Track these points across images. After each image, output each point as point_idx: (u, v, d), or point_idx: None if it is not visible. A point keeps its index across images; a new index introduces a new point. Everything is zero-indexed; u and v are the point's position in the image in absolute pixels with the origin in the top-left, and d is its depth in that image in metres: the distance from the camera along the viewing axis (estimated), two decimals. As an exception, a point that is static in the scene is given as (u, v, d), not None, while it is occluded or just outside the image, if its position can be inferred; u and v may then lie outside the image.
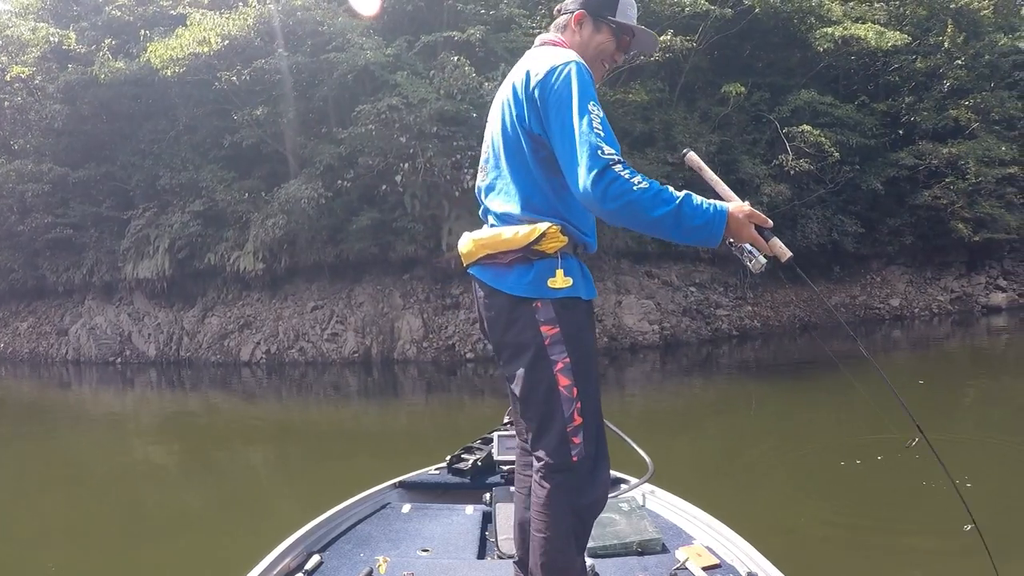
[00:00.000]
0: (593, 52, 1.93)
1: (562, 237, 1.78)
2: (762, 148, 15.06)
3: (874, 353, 14.71)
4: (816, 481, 5.77)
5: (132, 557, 4.87)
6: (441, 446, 7.65)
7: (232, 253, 14.57)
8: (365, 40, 13.11)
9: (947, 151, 16.95)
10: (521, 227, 1.80)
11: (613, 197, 1.60)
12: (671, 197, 1.62)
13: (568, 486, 1.77)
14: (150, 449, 8.84)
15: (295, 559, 2.45)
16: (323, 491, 6.11)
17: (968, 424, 7.77)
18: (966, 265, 18.31)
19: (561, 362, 1.75)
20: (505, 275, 1.83)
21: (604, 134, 1.66)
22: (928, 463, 6.31)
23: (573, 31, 1.95)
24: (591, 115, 1.66)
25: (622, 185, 1.60)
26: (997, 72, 19.02)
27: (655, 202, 1.60)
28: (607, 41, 1.94)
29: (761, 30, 15.80)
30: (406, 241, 13.17)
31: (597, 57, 1.94)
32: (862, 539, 4.50)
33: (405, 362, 13.14)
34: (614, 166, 1.61)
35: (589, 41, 1.93)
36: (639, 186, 1.60)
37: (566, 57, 1.77)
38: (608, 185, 1.60)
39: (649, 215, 1.60)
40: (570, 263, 1.80)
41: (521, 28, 13.41)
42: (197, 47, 13.39)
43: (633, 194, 1.60)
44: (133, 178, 15.93)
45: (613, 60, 1.99)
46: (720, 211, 1.65)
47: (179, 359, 15.11)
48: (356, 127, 12.55)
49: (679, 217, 1.61)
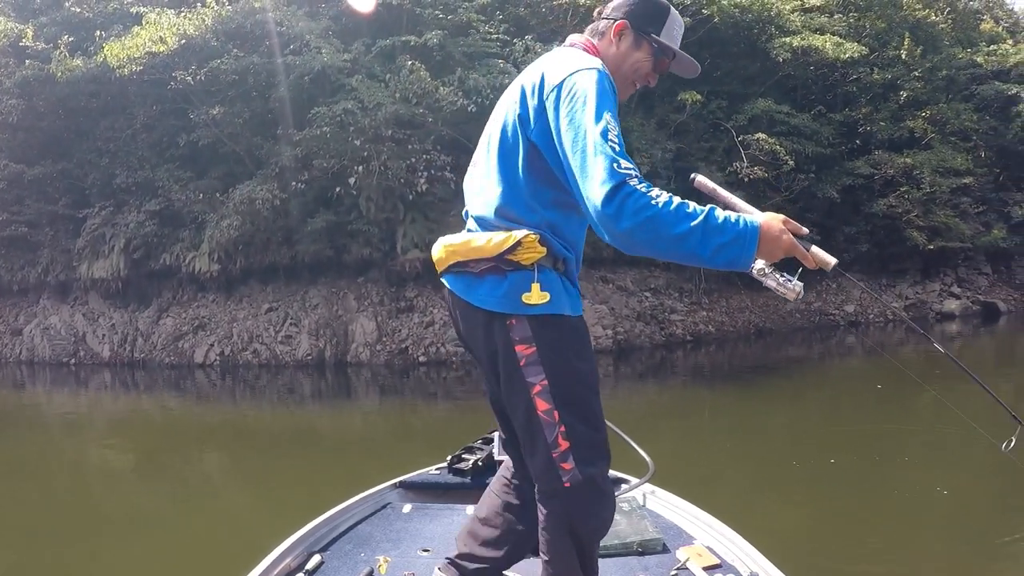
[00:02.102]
0: (628, 69, 1.77)
1: (540, 248, 1.63)
2: (719, 156, 15.24)
3: (829, 357, 15.02)
4: (798, 479, 5.85)
5: (83, 558, 4.86)
6: (396, 450, 7.72)
7: (188, 254, 14.45)
8: (323, 43, 13.09)
9: (903, 161, 17.27)
10: (495, 234, 1.66)
11: (631, 213, 1.42)
12: (695, 211, 1.44)
13: (563, 511, 1.65)
14: (105, 452, 8.77)
15: (296, 559, 2.44)
16: (281, 496, 6.17)
17: (927, 422, 8.08)
18: (921, 272, 18.66)
19: (539, 385, 1.63)
20: (476, 286, 1.68)
21: (620, 147, 1.49)
22: (926, 463, 6.39)
23: (611, 41, 1.78)
24: (608, 127, 1.50)
25: (639, 199, 1.42)
26: (954, 85, 19.43)
27: (678, 216, 1.42)
28: (645, 60, 1.77)
29: (721, 39, 16.00)
30: (361, 244, 13.16)
31: (631, 75, 1.79)
32: (862, 539, 4.54)
33: (358, 365, 13.12)
34: (631, 180, 1.44)
35: (626, 56, 1.77)
36: (658, 199, 1.43)
37: (588, 63, 1.62)
38: (624, 200, 1.42)
39: (672, 231, 1.41)
40: (549, 276, 1.65)
41: (479, 33, 13.46)
42: (153, 46, 13.29)
43: (653, 208, 1.42)
44: (89, 176, 15.75)
45: (646, 81, 1.82)
46: (751, 223, 1.46)
47: (133, 360, 14.96)
48: (312, 129, 12.53)
49: (706, 232, 1.42)
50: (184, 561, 4.76)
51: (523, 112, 1.66)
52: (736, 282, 16.06)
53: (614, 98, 1.60)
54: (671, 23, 1.79)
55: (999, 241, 18.89)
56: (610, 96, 1.57)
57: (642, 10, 1.77)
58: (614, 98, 1.60)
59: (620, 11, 1.78)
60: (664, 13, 1.78)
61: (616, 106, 1.59)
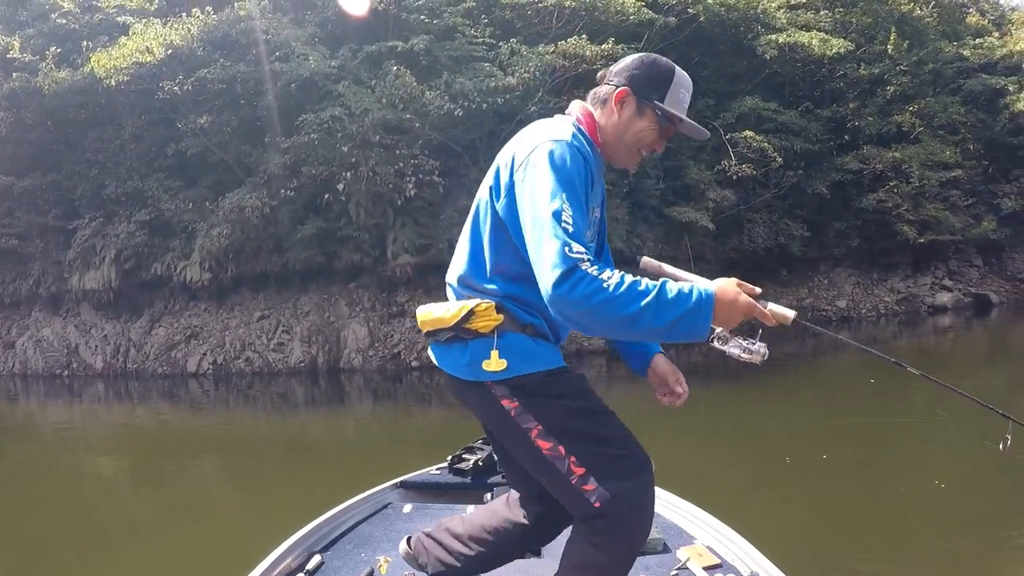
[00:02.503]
0: (631, 138, 1.72)
1: (496, 315, 1.65)
2: (708, 154, 15.28)
3: (821, 353, 15.06)
4: (809, 480, 5.85)
5: (80, 568, 4.88)
6: (391, 455, 7.74)
7: (179, 263, 14.45)
8: (309, 50, 13.10)
9: (891, 155, 17.34)
10: (454, 304, 1.72)
11: (581, 299, 1.41)
12: (647, 288, 1.42)
13: (602, 530, 1.62)
14: (100, 462, 8.79)
15: (296, 559, 2.44)
16: (277, 503, 6.16)
17: (922, 415, 8.21)
18: (912, 266, 18.73)
19: (535, 429, 1.65)
20: (445, 353, 1.75)
21: (574, 228, 1.46)
22: (922, 456, 6.42)
23: (612, 110, 1.71)
24: (562, 207, 1.47)
25: (590, 284, 1.41)
26: (940, 79, 19.49)
27: (629, 296, 1.41)
28: (649, 128, 1.71)
29: (707, 38, 16.05)
30: (351, 250, 13.17)
31: (634, 144, 1.73)
32: (862, 537, 4.54)
33: (351, 371, 13.13)
34: (582, 264, 1.43)
35: (629, 125, 1.71)
36: (608, 282, 1.42)
37: (555, 135, 1.59)
38: (575, 286, 1.42)
39: (624, 312, 1.41)
40: (510, 340, 1.66)
41: (465, 37, 13.48)
42: (140, 56, 13.29)
43: (604, 293, 1.41)
44: (79, 187, 15.73)
45: (652, 149, 1.76)
46: (705, 293, 1.44)
47: (126, 371, 14.94)
48: (299, 136, 12.54)
49: (659, 308, 1.41)
50: (181, 569, 4.78)
51: (495, 185, 1.68)
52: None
53: (580, 170, 1.56)
54: (676, 87, 1.70)
55: (989, 233, 18.95)
56: (570, 171, 1.53)
57: (645, 75, 1.70)
58: (580, 170, 1.56)
59: (622, 77, 1.71)
60: (668, 78, 1.70)
61: (582, 178, 1.56)
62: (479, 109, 12.26)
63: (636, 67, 1.72)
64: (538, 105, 13.15)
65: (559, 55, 12.70)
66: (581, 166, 1.57)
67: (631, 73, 1.71)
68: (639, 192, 14.19)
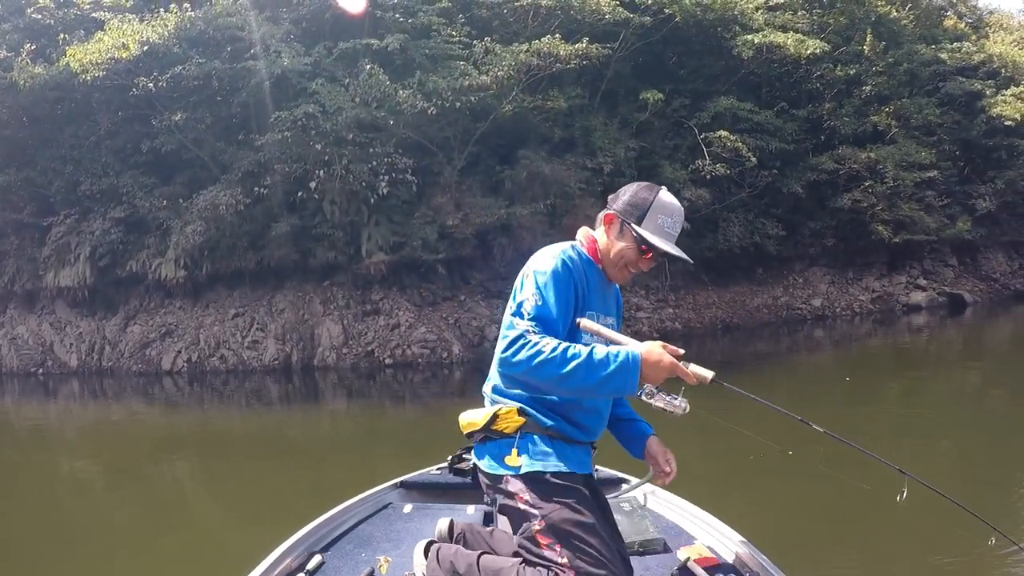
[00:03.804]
0: (615, 256, 1.93)
1: (518, 418, 1.89)
2: (683, 153, 15.38)
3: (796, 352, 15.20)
4: (802, 483, 5.94)
5: (56, 568, 4.87)
6: (367, 453, 7.76)
7: (154, 260, 14.40)
8: (284, 47, 13.08)
9: (866, 156, 17.48)
10: (484, 409, 1.97)
11: (523, 360, 1.72)
12: (578, 352, 1.70)
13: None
14: (76, 461, 8.77)
15: (296, 559, 2.44)
16: (252, 501, 6.21)
17: (894, 406, 8.60)
18: (887, 265, 18.90)
19: (537, 523, 1.82)
20: (479, 451, 2.00)
21: (533, 311, 1.78)
22: (916, 461, 6.51)
23: (603, 231, 1.97)
24: (526, 299, 1.80)
25: (530, 348, 1.71)
26: (917, 80, 19.68)
27: (563, 359, 1.69)
28: (628, 249, 1.91)
29: (684, 38, 16.14)
30: (326, 247, 13.17)
31: (618, 262, 1.94)
32: (863, 535, 4.58)
33: (325, 369, 13.13)
34: (528, 334, 1.74)
35: (612, 245, 1.94)
36: (544, 346, 1.71)
37: (549, 252, 1.89)
38: (517, 349, 1.73)
39: (559, 370, 1.69)
40: (531, 441, 1.88)
41: (441, 36, 13.51)
42: (116, 52, 13.22)
43: (540, 355, 1.70)
44: (54, 184, 15.62)
45: (638, 268, 1.96)
46: (631, 354, 1.71)
47: (101, 369, 14.87)
48: (273, 134, 12.54)
49: (590, 368, 1.68)
50: (156, 566, 4.80)
51: (512, 300, 1.92)
52: (703, 278, 16.22)
53: (561, 275, 1.83)
54: (655, 212, 1.89)
55: (964, 233, 19.15)
56: (550, 275, 1.82)
57: (628, 200, 1.93)
58: (561, 275, 1.83)
59: (614, 202, 1.97)
60: (647, 203, 1.90)
61: (564, 282, 1.83)
62: (453, 108, 12.30)
63: (624, 192, 1.97)
64: (513, 104, 13.21)
65: (533, 54, 12.75)
66: (562, 272, 1.83)
67: (620, 198, 1.96)
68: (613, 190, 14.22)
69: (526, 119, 13.64)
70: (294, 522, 2.73)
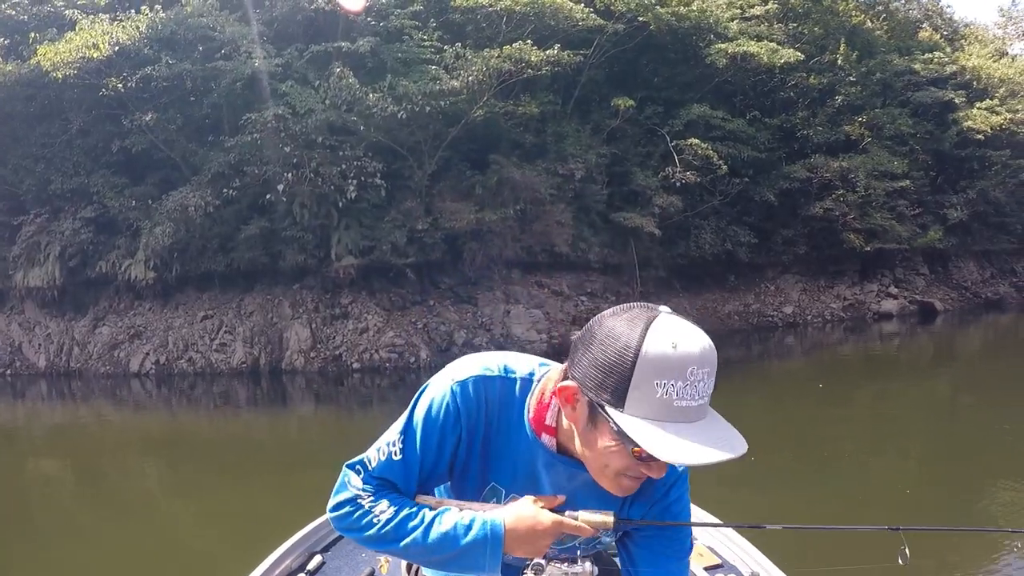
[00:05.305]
0: (594, 463, 1.14)
1: None
2: (656, 161, 15.48)
3: (768, 359, 15.33)
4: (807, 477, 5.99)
5: (25, 568, 4.88)
6: (334, 456, 7.75)
7: (124, 261, 14.31)
8: (255, 48, 13.07)
9: (838, 165, 17.67)
10: None
11: (351, 529, 1.28)
12: (418, 523, 1.23)
13: None
14: (43, 464, 8.71)
15: (297, 559, 2.43)
16: (220, 505, 6.20)
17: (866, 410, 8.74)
18: (859, 273, 19.10)
19: None
20: None
21: (379, 467, 1.27)
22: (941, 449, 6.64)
23: (566, 409, 1.16)
24: (382, 448, 1.27)
25: (359, 517, 1.26)
26: (890, 90, 19.92)
27: (398, 533, 1.23)
28: (612, 453, 1.09)
29: (658, 45, 16.25)
30: (296, 250, 13.16)
31: (604, 471, 1.13)
32: (861, 534, 4.56)
33: (293, 372, 13.11)
34: (360, 499, 1.27)
35: (584, 438, 1.13)
36: (377, 515, 1.24)
37: (451, 372, 1.27)
38: (344, 516, 1.28)
39: (394, 546, 1.25)
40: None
41: (413, 40, 13.54)
42: (87, 52, 13.16)
43: (371, 527, 1.25)
44: (24, 182, 15.50)
45: (641, 476, 1.13)
46: (489, 524, 1.20)
47: (69, 370, 14.76)
48: (243, 136, 12.51)
49: (428, 546, 1.22)
50: (121, 567, 4.81)
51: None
52: (675, 285, 16.33)
53: (436, 423, 1.23)
54: (644, 376, 1.01)
55: (935, 242, 19.40)
56: (422, 416, 1.24)
57: (594, 355, 1.06)
58: (436, 423, 1.23)
59: (572, 353, 1.12)
60: (625, 364, 1.02)
61: (434, 429, 1.24)
62: (423, 112, 12.32)
63: (584, 341, 1.09)
64: (484, 109, 13.25)
65: (505, 59, 12.79)
66: (437, 420, 1.23)
67: (580, 347, 1.09)
68: (584, 197, 14.35)
69: (498, 124, 13.69)
70: (261, 526, 2.70)
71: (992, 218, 21.40)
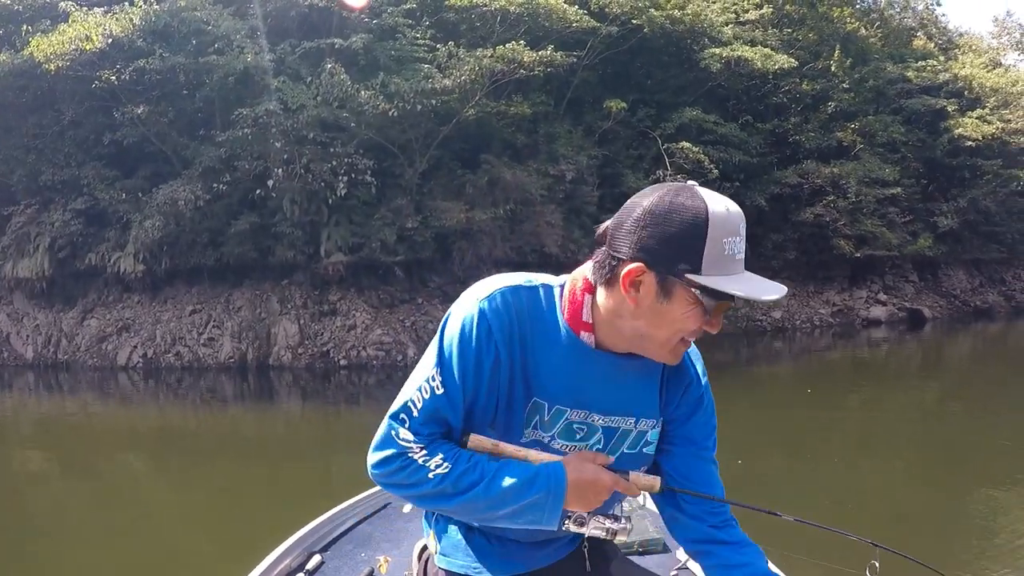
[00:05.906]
0: (662, 336, 1.16)
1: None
2: (647, 163, 15.53)
3: (756, 363, 15.38)
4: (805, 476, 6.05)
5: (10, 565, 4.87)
6: (321, 453, 7.72)
7: (113, 254, 14.30)
8: (248, 43, 13.07)
9: (830, 171, 17.75)
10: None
11: (400, 487, 1.22)
12: (478, 477, 1.18)
13: None
14: (29, 455, 8.72)
15: (296, 559, 2.41)
16: (206, 499, 6.21)
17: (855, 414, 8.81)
18: (848, 280, 19.19)
19: None
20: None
21: (423, 412, 1.19)
22: (928, 455, 6.70)
23: (624, 296, 1.14)
24: (424, 387, 1.20)
25: (409, 473, 1.19)
26: (883, 98, 20.01)
27: (455, 488, 1.18)
28: (688, 316, 1.12)
29: (652, 48, 16.30)
30: (285, 246, 13.17)
31: (672, 339, 1.16)
32: (839, 541, 4.60)
33: (280, 368, 13.11)
34: (410, 453, 1.19)
35: (655, 315, 1.14)
36: (432, 470, 1.18)
37: (474, 294, 1.22)
38: (392, 473, 1.20)
39: (450, 503, 1.21)
40: (442, 528, 1.45)
41: (406, 38, 13.56)
42: (80, 44, 13.15)
43: (425, 485, 1.19)
44: (15, 173, 15.48)
45: (699, 334, 1.18)
46: (553, 477, 1.19)
47: (56, 362, 14.74)
48: (235, 130, 12.52)
49: (491, 500, 1.18)
50: (107, 561, 4.82)
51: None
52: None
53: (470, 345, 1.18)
54: (715, 238, 1.08)
55: (925, 250, 19.50)
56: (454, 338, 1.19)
57: (661, 229, 1.10)
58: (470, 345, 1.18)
59: (630, 239, 1.12)
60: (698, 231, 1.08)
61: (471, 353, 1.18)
62: (414, 110, 12.35)
63: (643, 217, 1.11)
64: (476, 108, 13.28)
65: (497, 59, 12.83)
66: (471, 341, 1.18)
67: (638, 229, 1.11)
68: (575, 198, 14.39)
69: (489, 124, 13.72)
70: (248, 522, 2.68)
71: (982, 227, 21.52)
